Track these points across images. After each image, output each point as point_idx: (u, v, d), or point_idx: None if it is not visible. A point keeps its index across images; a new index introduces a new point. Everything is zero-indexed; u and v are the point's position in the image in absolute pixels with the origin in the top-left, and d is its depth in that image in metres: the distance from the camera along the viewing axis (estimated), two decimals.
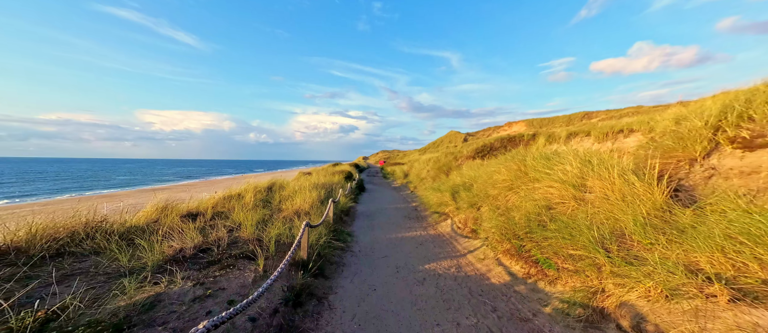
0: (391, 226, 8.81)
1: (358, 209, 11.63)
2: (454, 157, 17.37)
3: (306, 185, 11.11)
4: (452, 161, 16.99)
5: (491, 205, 6.39)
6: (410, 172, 26.56)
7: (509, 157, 7.14)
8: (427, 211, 10.73)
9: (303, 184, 11.28)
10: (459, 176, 11.07)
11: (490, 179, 7.14)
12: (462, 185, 9.67)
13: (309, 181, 14.33)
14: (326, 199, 10.07)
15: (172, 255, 3.58)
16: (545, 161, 5.76)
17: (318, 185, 12.20)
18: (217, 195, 8.14)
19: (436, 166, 17.43)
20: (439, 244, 6.66)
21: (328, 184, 13.55)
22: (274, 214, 7.51)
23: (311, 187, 10.59)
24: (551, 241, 3.92)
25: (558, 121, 61.06)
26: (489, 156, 15.10)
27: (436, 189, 11.37)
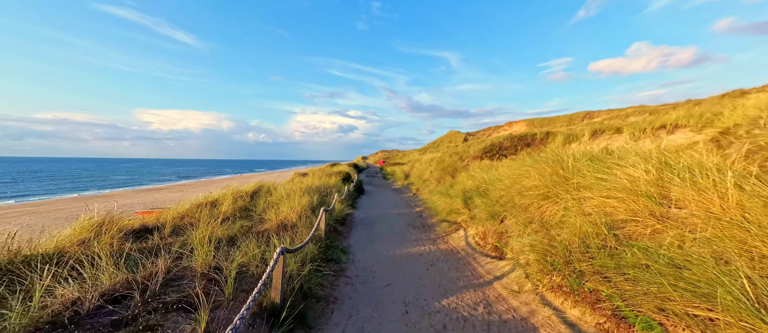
0: (395, 237, 7.48)
1: (356, 216, 10.29)
2: (460, 157, 16.05)
3: (297, 189, 9.77)
4: (457, 162, 15.67)
5: (520, 217, 5.06)
6: (411, 173, 25.26)
7: (541, 159, 5.80)
8: (434, 219, 9.41)
9: (294, 188, 9.94)
10: (469, 179, 9.75)
11: (516, 184, 5.81)
12: (475, 190, 8.35)
13: (303, 183, 13.00)
14: (319, 206, 8.74)
15: (59, 311, 2.25)
16: (595, 163, 4.44)
17: (311, 189, 10.85)
18: (184, 203, 6.78)
19: (440, 166, 16.10)
20: (455, 265, 5.33)
21: (323, 188, 12.21)
22: (255, 225, 6.16)
23: (303, 192, 9.25)
24: (640, 282, 2.59)
25: (559, 121, 59.88)
26: (497, 156, 13.80)
27: (444, 193, 10.05)
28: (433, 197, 11.35)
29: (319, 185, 12.51)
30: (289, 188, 9.88)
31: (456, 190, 9.38)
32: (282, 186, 10.65)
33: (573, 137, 10.13)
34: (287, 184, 11.71)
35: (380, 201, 14.20)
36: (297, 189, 9.97)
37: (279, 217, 6.53)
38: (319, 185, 12.51)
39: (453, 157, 16.81)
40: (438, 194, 10.68)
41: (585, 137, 9.26)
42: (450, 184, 12.96)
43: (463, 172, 13.68)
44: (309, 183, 12.83)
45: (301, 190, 9.97)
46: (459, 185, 9.69)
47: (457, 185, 9.95)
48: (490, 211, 6.19)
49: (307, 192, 9.68)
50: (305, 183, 12.91)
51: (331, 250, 5.80)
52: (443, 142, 70.37)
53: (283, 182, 13.06)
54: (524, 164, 6.17)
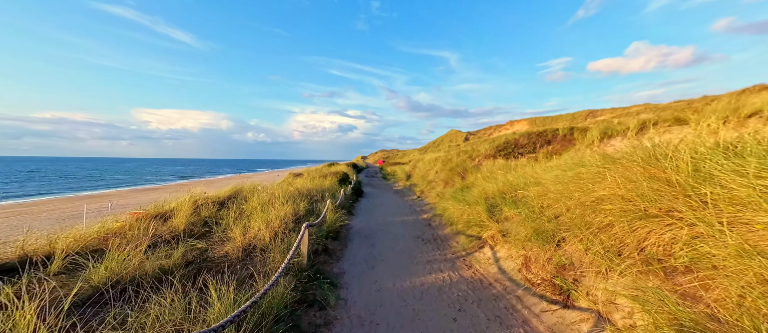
0: (401, 257, 5.73)
1: (353, 226, 8.52)
2: (469, 156, 14.31)
3: (283, 194, 8.00)
4: (467, 161, 13.93)
5: (597, 242, 3.30)
6: (413, 173, 23.51)
7: (628, 155, 4.02)
8: (448, 229, 7.66)
9: (279, 192, 8.18)
10: (488, 181, 8.00)
11: (578, 191, 4.05)
12: (500, 195, 6.60)
13: (293, 186, 11.23)
14: (307, 216, 6.96)
15: None
16: (746, 161, 2.68)
17: (300, 193, 9.09)
18: (119, 216, 5.01)
19: (448, 167, 14.35)
20: (494, 311, 3.58)
21: (315, 191, 10.44)
22: (212, 249, 4.42)
23: (288, 198, 7.47)
24: None
25: (561, 119, 58.21)
26: (513, 155, 12.08)
27: (458, 199, 8.30)
28: (444, 203, 9.60)
29: (311, 188, 10.75)
30: (273, 192, 8.10)
31: (474, 195, 7.62)
32: (266, 190, 8.87)
33: (611, 132, 8.37)
34: (274, 188, 9.95)
35: (381, 205, 12.44)
36: (282, 193, 8.20)
37: (248, 236, 4.76)
38: (311, 188, 10.75)
39: (461, 156, 15.07)
40: (451, 200, 8.93)
41: (631, 131, 7.52)
42: (461, 186, 11.23)
43: (475, 173, 11.95)
44: (300, 185, 11.07)
45: (287, 195, 8.20)
46: (476, 189, 7.93)
47: (474, 189, 8.19)
48: (535, 227, 4.43)
49: (293, 198, 7.91)
50: (296, 185, 11.15)
51: (316, 283, 4.03)
52: (444, 142, 68.50)
53: (271, 184, 11.30)
54: (583, 163, 4.41)
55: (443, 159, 18.14)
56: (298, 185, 11.19)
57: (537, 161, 10.65)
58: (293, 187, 10.57)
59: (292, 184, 11.85)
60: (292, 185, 11.83)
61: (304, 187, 10.66)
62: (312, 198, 9.54)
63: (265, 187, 9.76)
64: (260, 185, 9.54)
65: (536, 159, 10.82)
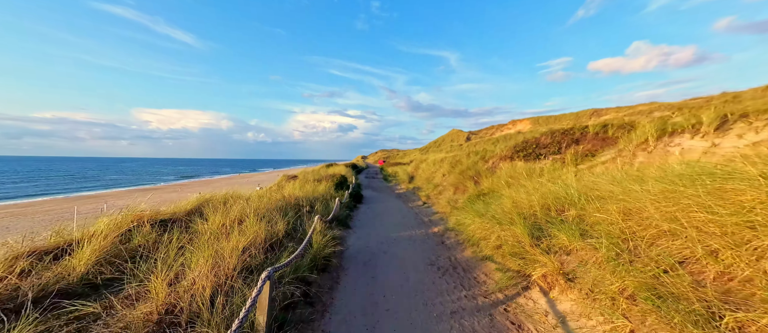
0: (415, 306, 3.96)
1: (349, 245, 6.74)
2: (482, 157, 12.52)
3: (261, 206, 6.23)
4: (479, 163, 12.15)
5: None
6: (416, 175, 21.75)
7: None
8: (467, 251, 5.89)
9: (259, 203, 6.41)
10: (519, 192, 6.20)
11: (742, 225, 2.27)
12: (543, 211, 4.82)
13: (282, 192, 9.48)
14: (287, 240, 5.19)
15: None
16: None
17: (286, 204, 7.32)
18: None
19: (458, 169, 12.56)
20: None
21: (306, 200, 8.67)
22: (110, 314, 2.67)
23: (265, 213, 5.68)
24: None
25: (565, 119, 56.39)
26: (533, 156, 10.30)
27: (479, 212, 6.53)
28: (460, 215, 7.83)
29: (301, 196, 8.98)
30: (244, 207, 6.31)
31: (502, 208, 5.83)
32: (244, 199, 7.08)
33: (673, 128, 6.53)
34: (256, 196, 8.17)
35: (383, 214, 10.67)
36: (264, 205, 6.43)
37: (177, 290, 2.99)
38: (301, 196, 8.98)
39: (472, 157, 13.28)
40: (469, 212, 7.15)
41: (707, 127, 5.70)
42: (475, 192, 9.47)
43: (490, 177, 10.18)
44: (289, 192, 9.29)
45: (269, 206, 6.43)
46: (505, 200, 6.14)
47: (502, 199, 6.40)
48: (642, 280, 2.64)
49: (275, 211, 6.13)
50: (285, 192, 9.38)
51: None
52: (445, 141, 66.57)
53: (256, 191, 9.53)
54: (731, 174, 2.63)
55: (450, 160, 16.34)
56: (287, 192, 9.42)
57: (564, 164, 8.87)
58: (280, 194, 8.80)
59: (282, 190, 10.08)
60: (280, 191, 10.06)
61: (292, 195, 8.89)
62: (300, 209, 7.76)
63: (245, 195, 7.98)
64: (238, 193, 7.76)
65: (563, 161, 9.05)
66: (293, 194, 9.08)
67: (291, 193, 9.05)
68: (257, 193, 8.82)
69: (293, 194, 9.08)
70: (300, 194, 9.27)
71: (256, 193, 8.85)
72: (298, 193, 9.30)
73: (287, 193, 8.97)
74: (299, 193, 9.35)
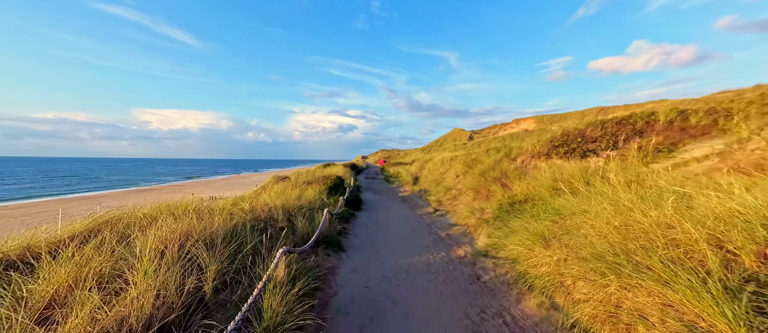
0: None
1: (341, 282, 4.39)
2: (507, 155, 10.14)
3: (177, 238, 3.89)
4: (504, 162, 9.77)
5: None
6: (421, 175, 19.38)
7: None
8: (532, 301, 3.56)
9: (198, 227, 4.07)
10: (609, 212, 3.85)
11: None
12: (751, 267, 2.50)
13: (256, 202, 7.15)
14: (212, 303, 2.81)
15: None
16: None
17: (240, 224, 4.95)
18: None
19: (477, 170, 10.17)
20: None
21: (281, 214, 6.28)
22: None
23: (177, 258, 3.36)
24: None
25: (571, 117, 54.12)
26: (576, 153, 7.93)
27: (539, 234, 4.18)
28: (498, 234, 5.47)
29: (279, 206, 6.60)
30: (170, 231, 3.95)
31: (586, 237, 3.49)
32: (180, 214, 4.70)
33: None
34: (216, 208, 5.81)
35: (387, 225, 8.30)
36: (208, 226, 4.07)
37: None
38: (279, 206, 6.60)
39: (493, 154, 10.90)
40: (519, 234, 4.78)
41: None
42: (508, 200, 7.13)
43: (523, 180, 7.82)
44: (264, 202, 6.91)
45: (209, 231, 4.06)
46: (592, 223, 3.79)
47: (575, 221, 4.05)
48: None
49: (212, 241, 3.77)
50: (259, 202, 7.00)
51: None
52: (447, 140, 64.10)
53: (219, 202, 7.20)
54: None
55: (464, 158, 13.94)
56: (262, 201, 7.04)
57: (626, 160, 6.50)
58: (250, 205, 6.44)
59: (256, 199, 7.71)
60: (257, 198, 7.69)
61: (268, 205, 6.52)
62: (271, 227, 5.39)
63: (192, 206, 5.61)
64: (177, 205, 5.40)
65: (624, 157, 6.67)
66: (270, 203, 6.70)
67: (267, 203, 6.67)
68: (220, 204, 6.47)
69: (270, 203, 6.70)
70: (279, 202, 6.89)
71: (219, 204, 6.49)
72: (277, 201, 6.91)
73: (261, 203, 6.59)
74: (279, 201, 6.97)
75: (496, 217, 6.61)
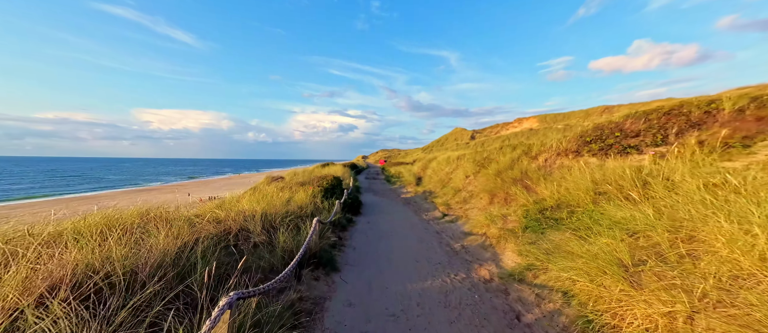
0: None
1: (332, 322, 3.12)
2: (525, 152, 8.83)
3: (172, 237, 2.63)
4: (522, 160, 8.48)
5: None
6: (425, 176, 18.10)
7: None
8: None
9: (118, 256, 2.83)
10: None
11: None
12: None
13: (227, 210, 5.88)
14: None
15: None
16: None
17: (207, 238, 3.67)
18: None
19: (492, 170, 8.86)
20: None
21: (258, 224, 4.98)
22: None
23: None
24: None
25: (574, 116, 52.76)
26: (614, 150, 6.62)
27: (616, 264, 2.91)
28: (549, 263, 4.18)
29: (258, 213, 5.31)
30: (93, 257, 2.69)
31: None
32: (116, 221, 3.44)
33: None
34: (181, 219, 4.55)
35: (390, 234, 7.02)
36: (153, 248, 2.81)
37: None
38: (258, 213, 5.31)
39: (509, 152, 9.59)
40: (583, 264, 3.51)
41: None
42: (536, 206, 5.87)
43: (550, 182, 6.55)
44: (239, 209, 5.62)
45: (152, 260, 2.79)
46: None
47: (712, 258, 2.78)
48: None
49: (163, 270, 2.50)
50: (235, 208, 5.71)
51: None
52: (449, 140, 62.70)
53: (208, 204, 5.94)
54: None
55: (473, 157, 12.63)
56: (236, 210, 5.74)
57: (683, 157, 5.21)
58: (225, 213, 5.17)
59: (235, 205, 6.42)
60: (236, 204, 6.40)
61: (243, 213, 5.24)
62: (243, 243, 4.12)
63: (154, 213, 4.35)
64: (132, 213, 4.13)
65: (680, 154, 5.37)
66: (248, 210, 5.42)
67: (243, 210, 5.38)
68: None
69: (248, 210, 5.42)
70: (261, 208, 5.61)
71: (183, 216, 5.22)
72: (258, 207, 5.63)
73: (235, 211, 5.30)
74: (260, 207, 5.68)
75: (525, 227, 5.32)
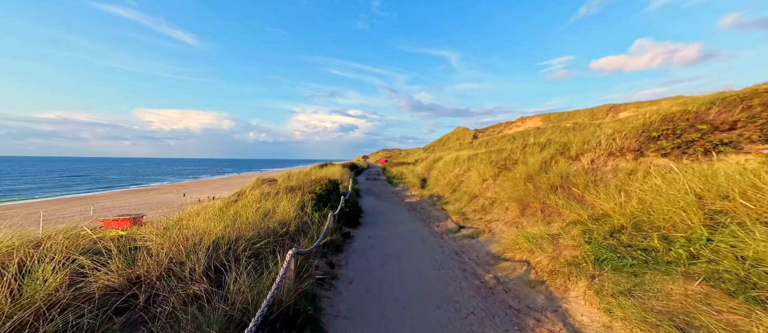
0: None
1: None
2: (560, 152, 7.15)
3: None
4: (558, 162, 6.81)
5: None
6: (430, 177, 16.44)
7: None
8: None
9: None
10: None
11: None
12: None
13: (170, 237, 4.22)
14: None
15: None
16: None
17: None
18: None
19: (519, 174, 7.18)
20: None
21: (222, 250, 3.34)
22: None
23: None
24: None
25: (579, 115, 50.97)
26: (696, 149, 4.95)
27: None
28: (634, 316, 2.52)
29: (219, 235, 3.69)
30: None
31: None
32: None
33: None
34: None
35: (398, 255, 5.37)
36: None
37: None
38: (219, 235, 3.69)
39: (538, 152, 7.90)
40: None
41: None
42: (604, 227, 4.19)
43: (603, 189, 4.88)
44: (183, 235, 3.99)
45: None
46: None
47: None
48: None
49: None
50: (170, 236, 4.08)
51: None
52: (451, 140, 60.94)
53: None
54: None
55: (486, 157, 10.95)
56: (171, 239, 4.11)
57: None
58: (160, 240, 3.55)
59: (187, 224, 4.77)
60: (179, 230, 4.76)
61: (186, 238, 3.61)
62: (170, 292, 2.50)
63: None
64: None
65: None
66: (198, 232, 3.78)
67: (187, 235, 3.74)
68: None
69: (198, 232, 3.78)
70: (220, 229, 3.97)
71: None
72: (216, 228, 3.99)
73: (171, 240, 3.65)
74: (219, 227, 4.05)
75: (597, 260, 3.65)
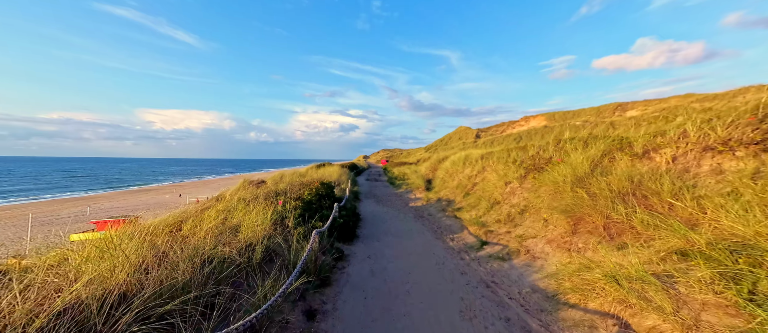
0: None
1: None
2: (619, 147, 5.58)
3: None
4: (619, 161, 5.26)
5: None
6: (436, 178, 14.87)
7: None
8: None
9: None
10: None
11: None
12: None
13: (105, 262, 2.59)
14: None
15: None
16: None
17: None
18: None
19: (565, 178, 5.62)
20: None
21: (145, 297, 1.79)
22: None
23: None
24: None
25: (584, 114, 49.34)
26: None
27: None
28: None
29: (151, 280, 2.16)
30: None
31: None
32: None
33: None
34: None
35: (408, 299, 3.85)
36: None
37: None
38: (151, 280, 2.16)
39: (582, 149, 6.32)
40: None
41: None
42: (724, 254, 2.53)
43: (711, 199, 3.26)
44: (99, 272, 2.46)
45: None
46: None
47: None
48: None
49: None
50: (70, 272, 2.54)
51: None
52: (453, 139, 59.37)
53: None
54: None
55: (505, 155, 9.39)
56: (95, 273, 2.57)
57: None
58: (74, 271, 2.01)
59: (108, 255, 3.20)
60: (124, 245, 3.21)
61: (100, 275, 2.08)
62: None
63: None
64: None
65: None
66: (112, 267, 2.26)
67: (101, 272, 2.23)
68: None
69: (112, 267, 2.26)
70: (151, 257, 2.46)
71: None
72: (147, 255, 2.47)
73: (86, 280, 2.14)
74: (150, 255, 2.53)
75: None
